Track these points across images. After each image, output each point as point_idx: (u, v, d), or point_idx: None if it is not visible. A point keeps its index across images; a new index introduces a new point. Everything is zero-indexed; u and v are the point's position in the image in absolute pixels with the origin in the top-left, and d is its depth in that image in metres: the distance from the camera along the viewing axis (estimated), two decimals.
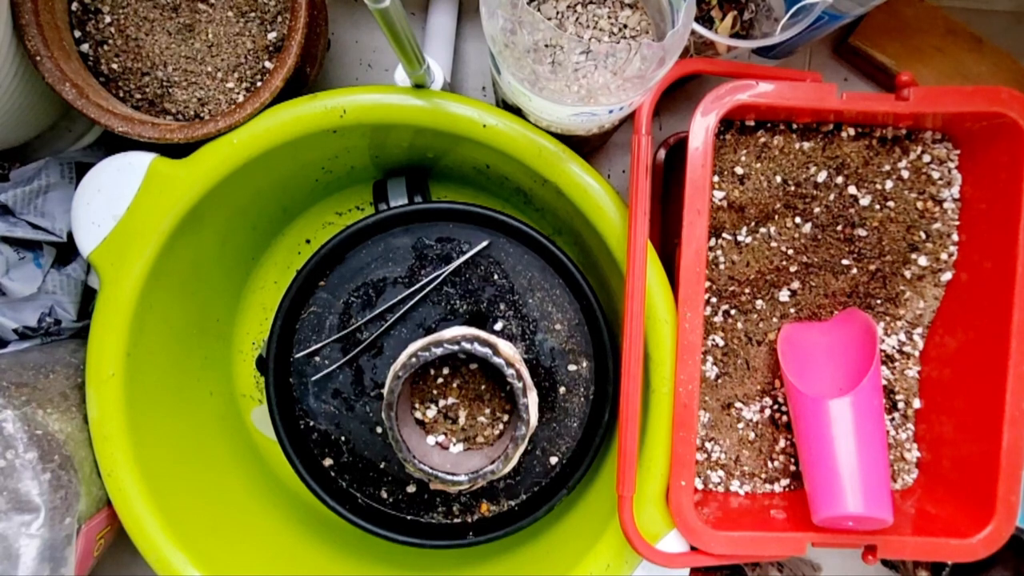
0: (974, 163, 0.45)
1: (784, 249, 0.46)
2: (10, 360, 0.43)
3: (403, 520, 0.47)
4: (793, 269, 0.47)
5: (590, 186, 0.43)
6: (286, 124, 0.42)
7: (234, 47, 0.45)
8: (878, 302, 0.48)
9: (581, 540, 0.45)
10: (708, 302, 0.47)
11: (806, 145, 0.45)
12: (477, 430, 0.46)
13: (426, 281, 0.46)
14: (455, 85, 0.55)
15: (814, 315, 0.48)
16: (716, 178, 0.45)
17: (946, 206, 0.46)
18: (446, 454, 0.45)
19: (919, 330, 0.48)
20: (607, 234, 0.44)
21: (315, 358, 0.47)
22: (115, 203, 0.42)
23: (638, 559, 0.43)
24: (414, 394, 0.46)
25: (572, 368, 0.46)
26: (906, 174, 0.45)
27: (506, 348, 0.42)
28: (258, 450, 0.54)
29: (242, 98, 0.45)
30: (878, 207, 0.46)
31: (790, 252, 0.46)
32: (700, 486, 0.48)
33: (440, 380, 0.46)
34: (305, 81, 0.46)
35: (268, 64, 0.45)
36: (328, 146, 0.45)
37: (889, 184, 0.45)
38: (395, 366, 0.42)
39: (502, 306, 0.46)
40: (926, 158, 0.45)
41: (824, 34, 0.48)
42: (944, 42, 0.52)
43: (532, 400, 0.42)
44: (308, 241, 0.54)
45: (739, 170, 0.45)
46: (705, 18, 0.46)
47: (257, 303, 0.54)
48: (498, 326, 0.46)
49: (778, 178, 0.45)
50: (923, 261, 0.46)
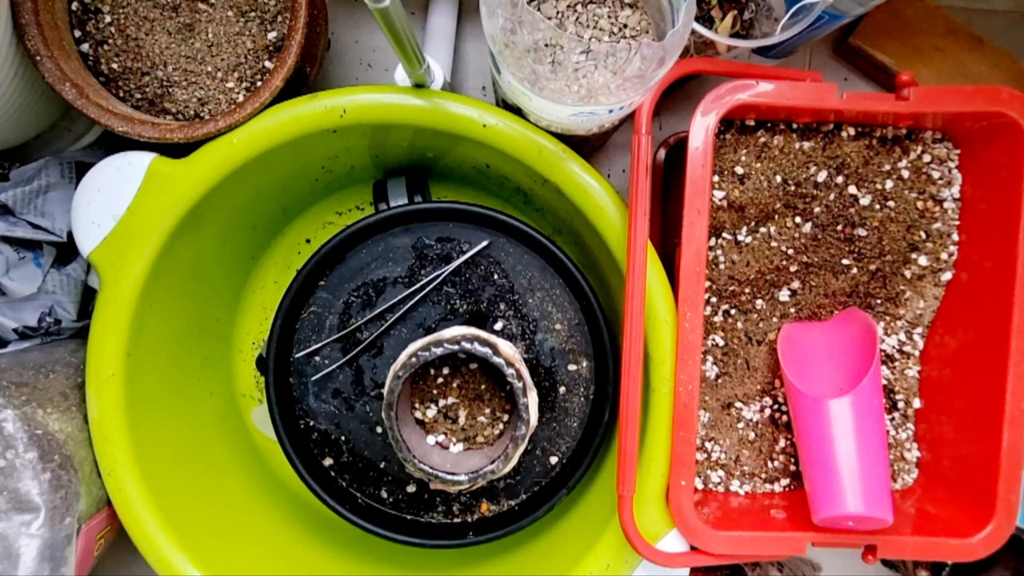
0: (974, 163, 0.45)
1: (784, 249, 0.46)
2: (10, 360, 0.43)
3: (403, 520, 0.47)
4: (793, 269, 0.47)
5: (590, 186, 0.43)
6: (286, 124, 0.42)
7: (234, 47, 0.45)
8: (878, 302, 0.48)
9: (581, 540, 0.45)
10: (708, 302, 0.47)
11: (806, 145, 0.45)
12: (477, 430, 0.46)
13: (426, 281, 0.46)
14: (455, 85, 0.55)
15: (814, 315, 0.48)
16: (716, 178, 0.45)
17: (946, 206, 0.46)
18: (446, 454, 0.45)
19: (919, 330, 0.48)
20: (607, 234, 0.44)
21: (315, 358, 0.47)
22: (115, 203, 0.42)
23: (638, 559, 0.43)
24: (414, 394, 0.46)
25: (572, 368, 0.46)
26: (906, 174, 0.45)
27: (506, 348, 0.42)
28: (258, 450, 0.54)
29: (242, 98, 0.45)
30: (878, 207, 0.46)
31: (790, 252, 0.46)
32: (700, 486, 0.48)
33: (440, 380, 0.46)
34: (305, 81, 0.46)
35: (268, 64, 0.45)
36: (328, 146, 0.45)
37: (889, 184, 0.45)
38: (395, 366, 0.42)
39: (502, 306, 0.46)
40: (926, 158, 0.45)
41: (824, 34, 0.48)
42: (944, 42, 0.52)
43: (532, 400, 0.42)
44: (308, 241, 0.54)
45: (739, 170, 0.45)
46: (705, 18, 0.46)
47: (257, 303, 0.54)
48: (498, 326, 0.46)
49: (778, 178, 0.45)
50: (923, 261, 0.46)
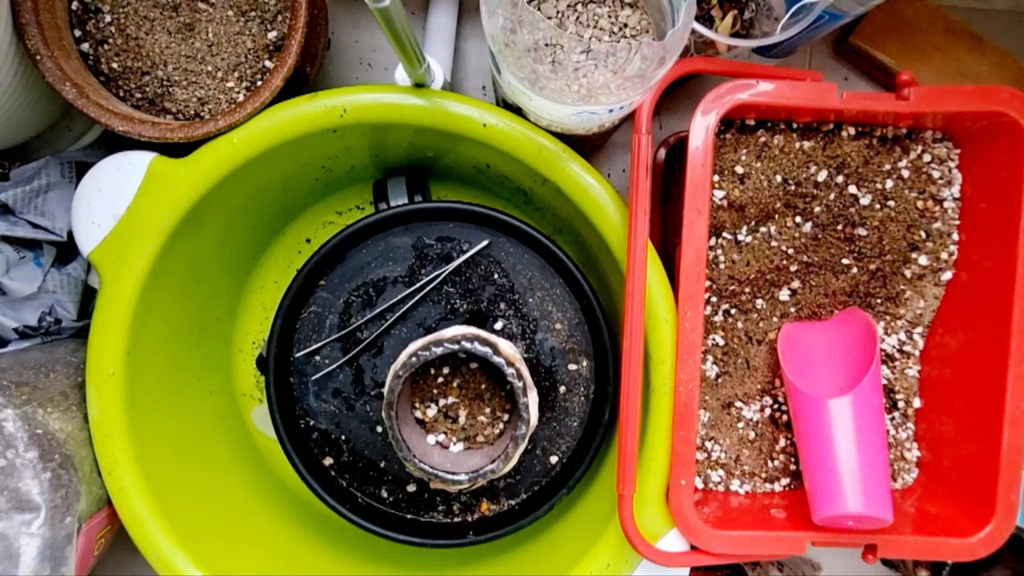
0: (974, 162, 0.45)
1: (784, 248, 0.46)
2: (10, 359, 0.43)
3: (403, 519, 0.47)
4: (793, 268, 0.47)
5: (590, 185, 0.43)
6: (286, 123, 0.42)
7: (234, 46, 0.45)
8: (878, 301, 0.48)
9: (581, 539, 0.45)
10: (708, 301, 0.47)
11: (806, 144, 0.45)
12: (477, 429, 0.46)
13: (426, 280, 0.46)
14: (455, 84, 0.55)
15: (814, 314, 0.48)
16: (716, 177, 0.45)
17: (946, 205, 0.46)
18: (446, 453, 0.45)
19: (919, 329, 0.48)
20: (607, 233, 0.44)
21: (315, 357, 0.47)
22: (115, 202, 0.42)
23: (638, 558, 0.43)
24: (414, 393, 0.46)
25: (572, 367, 0.46)
26: (906, 173, 0.45)
27: (506, 347, 0.42)
28: (258, 449, 0.54)
29: (242, 97, 0.45)
30: (878, 206, 0.46)
31: (790, 251, 0.46)
32: (700, 485, 0.48)
33: (440, 379, 0.46)
34: (305, 80, 0.46)
35: (268, 63, 0.45)
36: (328, 145, 0.45)
37: (889, 183, 0.45)
38: (395, 365, 0.42)
39: (502, 305, 0.46)
40: (926, 157, 0.45)
41: (824, 33, 0.48)
42: (944, 41, 0.52)
43: (532, 399, 0.42)
44: (308, 240, 0.54)
45: (739, 169, 0.45)
46: (705, 17, 0.46)
47: (257, 302, 0.54)
48: (498, 325, 0.46)
49: (778, 177, 0.45)
50: (923, 260, 0.46)
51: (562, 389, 0.46)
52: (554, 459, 0.47)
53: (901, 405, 0.48)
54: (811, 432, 0.43)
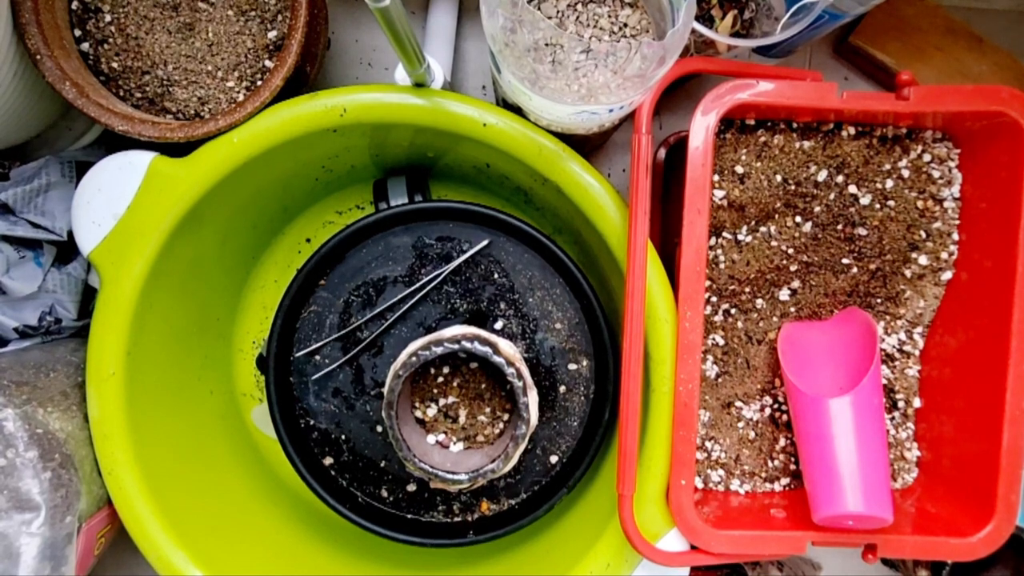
0: (974, 162, 0.45)
1: (784, 248, 0.46)
2: (10, 359, 0.43)
3: (403, 519, 0.47)
4: (793, 268, 0.47)
5: (590, 185, 0.43)
6: (286, 123, 0.42)
7: (234, 46, 0.45)
8: (878, 301, 0.48)
9: (581, 539, 0.45)
10: (708, 301, 0.47)
11: (806, 144, 0.45)
12: (477, 429, 0.46)
13: (426, 280, 0.46)
14: (455, 84, 0.55)
15: (814, 314, 0.48)
16: (716, 177, 0.45)
17: (946, 205, 0.46)
18: (446, 453, 0.45)
19: (919, 329, 0.48)
20: (607, 233, 0.44)
21: (315, 357, 0.47)
22: (115, 202, 0.42)
23: (638, 558, 0.43)
24: (414, 393, 0.46)
25: (572, 367, 0.46)
26: (906, 173, 0.45)
27: (506, 347, 0.42)
28: (258, 449, 0.54)
29: (242, 97, 0.45)
30: (878, 206, 0.46)
31: (790, 251, 0.46)
32: (700, 485, 0.48)
33: (440, 379, 0.46)
34: (305, 80, 0.46)
35: (268, 63, 0.45)
36: (328, 145, 0.45)
37: (889, 183, 0.45)
38: (395, 365, 0.42)
39: (502, 305, 0.46)
40: (926, 157, 0.45)
41: (824, 33, 0.48)
42: (944, 41, 0.52)
43: (532, 399, 0.42)
44: (308, 240, 0.54)
45: (739, 169, 0.45)
46: (705, 17, 0.46)
47: (257, 302, 0.54)
48: (498, 325, 0.46)
49: (778, 177, 0.45)
50: (923, 260, 0.46)
51: (562, 389, 0.46)
52: (554, 459, 0.47)
53: (901, 405, 0.48)
54: (811, 432, 0.43)
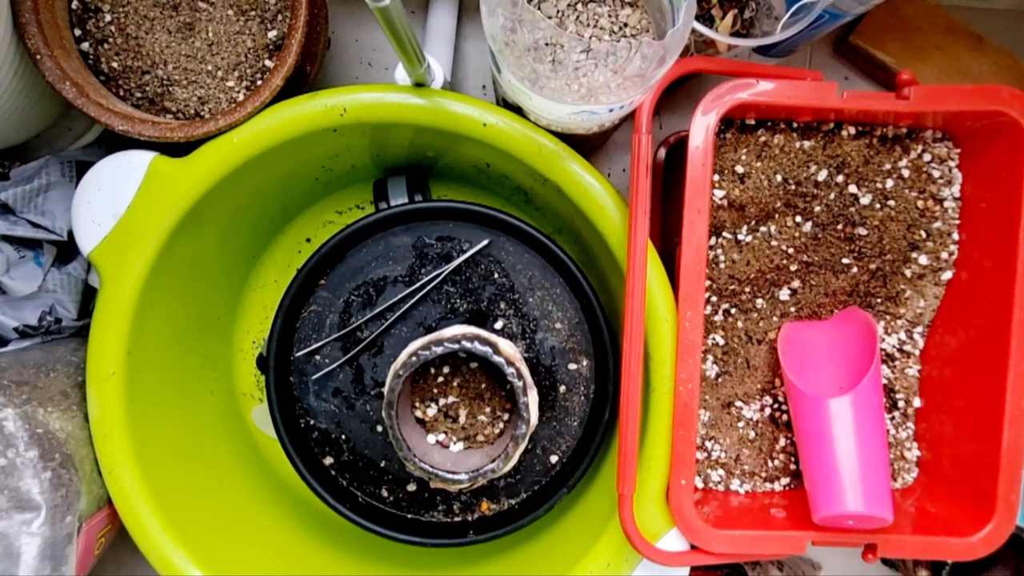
0: (974, 162, 0.45)
1: (784, 248, 0.46)
2: (11, 359, 0.43)
3: (403, 519, 0.47)
4: (793, 268, 0.47)
5: (590, 185, 0.43)
6: (286, 123, 0.42)
7: (234, 46, 0.45)
8: (878, 301, 0.48)
9: (581, 539, 0.45)
10: (708, 301, 0.47)
11: (806, 144, 0.45)
12: (477, 429, 0.46)
13: (426, 280, 0.46)
14: (455, 84, 0.55)
15: (814, 314, 0.48)
16: (716, 177, 0.45)
17: (946, 205, 0.46)
18: (446, 453, 0.45)
19: (919, 329, 0.48)
20: (607, 233, 0.44)
21: (315, 357, 0.47)
22: (115, 202, 0.42)
23: (638, 558, 0.43)
24: (414, 393, 0.46)
25: (572, 367, 0.46)
26: (906, 173, 0.45)
27: (506, 347, 0.42)
28: (258, 449, 0.54)
29: (242, 97, 0.45)
30: (878, 206, 0.46)
31: (790, 251, 0.46)
32: (700, 485, 0.48)
33: (440, 379, 0.46)
34: (305, 80, 0.46)
35: (268, 63, 0.45)
36: (328, 145, 0.45)
37: (889, 183, 0.45)
38: (395, 365, 0.42)
39: (502, 305, 0.46)
40: (926, 157, 0.45)
41: (824, 33, 0.48)
42: (945, 41, 0.52)
43: (532, 399, 0.42)
44: (308, 240, 0.54)
45: (739, 169, 0.45)
46: (705, 16, 0.46)
47: (257, 302, 0.54)
48: (498, 325, 0.46)
49: (778, 177, 0.45)
50: (923, 260, 0.46)
51: (562, 388, 0.46)
52: (554, 458, 0.47)
53: (901, 405, 0.48)
54: (811, 432, 0.43)
